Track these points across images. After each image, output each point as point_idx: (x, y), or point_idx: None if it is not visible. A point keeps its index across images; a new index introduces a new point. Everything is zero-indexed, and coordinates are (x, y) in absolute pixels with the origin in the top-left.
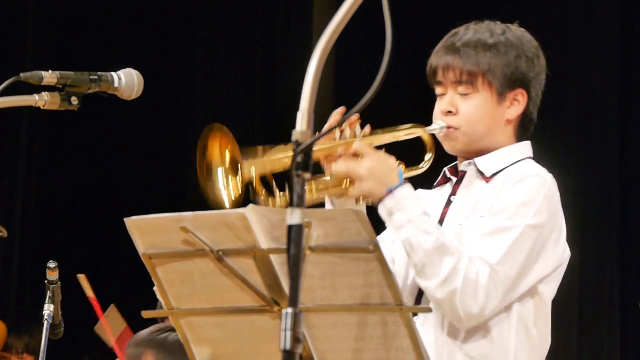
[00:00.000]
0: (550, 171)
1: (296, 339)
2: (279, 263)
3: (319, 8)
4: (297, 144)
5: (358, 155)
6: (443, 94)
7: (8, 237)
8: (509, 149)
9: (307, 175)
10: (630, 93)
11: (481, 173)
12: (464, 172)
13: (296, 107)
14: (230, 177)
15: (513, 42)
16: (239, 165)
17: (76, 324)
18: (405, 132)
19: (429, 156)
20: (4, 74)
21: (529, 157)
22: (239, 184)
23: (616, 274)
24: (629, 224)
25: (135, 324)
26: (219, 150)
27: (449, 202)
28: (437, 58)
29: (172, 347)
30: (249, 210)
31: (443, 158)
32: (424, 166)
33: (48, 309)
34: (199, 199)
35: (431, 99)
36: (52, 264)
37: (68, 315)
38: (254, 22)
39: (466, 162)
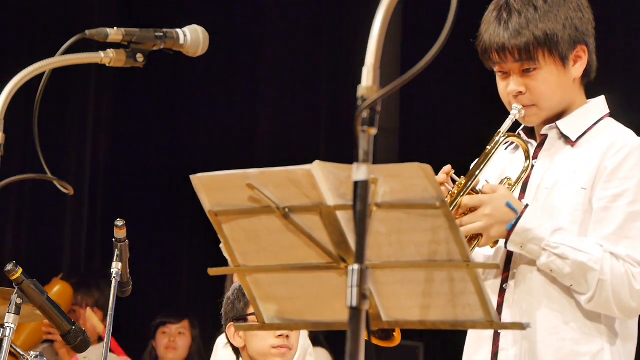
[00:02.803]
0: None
1: (363, 296)
2: (345, 220)
3: None
4: (363, 99)
5: (473, 209)
6: (504, 72)
7: (77, 195)
8: (586, 108)
9: (373, 131)
10: None
11: (565, 137)
12: (545, 136)
13: (362, 62)
14: None
15: (556, 2)
16: None
17: (144, 282)
18: (493, 149)
19: (527, 163)
20: (71, 33)
21: (607, 114)
22: None
23: None
24: None
25: (204, 281)
26: None
27: (531, 166)
28: (489, 38)
29: None
30: (315, 167)
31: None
32: (522, 176)
33: (116, 267)
34: (266, 155)
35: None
36: (120, 222)
37: (136, 274)
38: None
39: (547, 126)
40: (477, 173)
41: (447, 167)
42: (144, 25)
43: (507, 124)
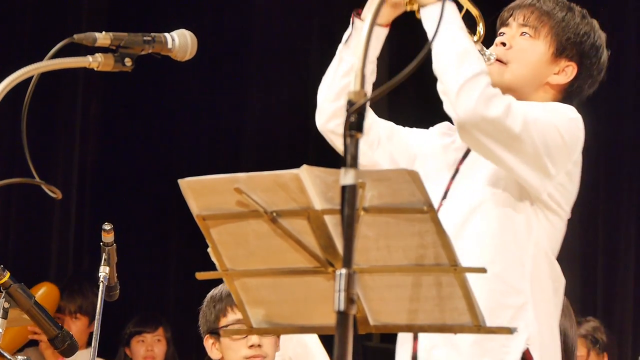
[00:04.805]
0: None
1: (350, 300)
2: (333, 224)
3: None
4: (351, 104)
5: None
6: (504, 33)
7: (65, 199)
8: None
9: (361, 135)
10: None
11: None
12: None
13: None
14: None
15: (589, 21)
16: None
17: (132, 286)
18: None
19: (480, 29)
20: (60, 37)
21: None
22: None
23: None
24: None
25: (191, 285)
26: None
27: (469, 151)
28: (511, 8)
29: None
30: (303, 171)
31: None
32: (476, 39)
33: (104, 271)
34: (254, 160)
35: None
36: (107, 226)
37: (124, 278)
38: None
39: None
40: None
41: None
42: (132, 29)
43: (472, 9)
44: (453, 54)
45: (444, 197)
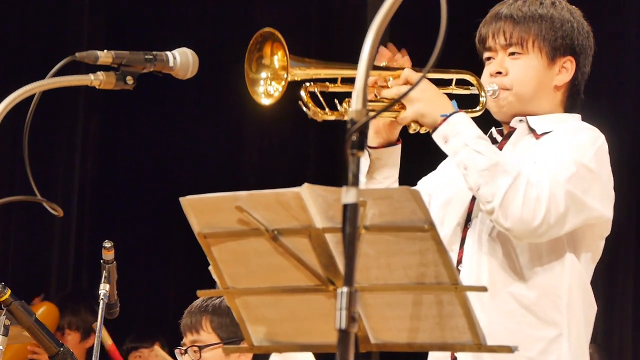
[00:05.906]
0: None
1: (351, 318)
2: (334, 242)
3: None
4: (352, 122)
5: (409, 83)
6: (492, 58)
7: (65, 216)
8: (559, 115)
9: (362, 154)
10: None
11: (532, 130)
12: (514, 129)
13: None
14: (274, 79)
15: (564, 11)
16: (286, 67)
17: (132, 303)
18: (455, 73)
19: (483, 98)
20: (61, 54)
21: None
22: (283, 83)
23: None
24: None
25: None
26: (270, 53)
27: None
28: (487, 25)
29: (227, 310)
30: (304, 190)
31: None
32: (479, 109)
33: (104, 288)
34: (255, 178)
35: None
36: (108, 244)
37: (124, 295)
38: (310, 3)
39: (518, 118)
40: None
41: (391, 47)
42: (133, 47)
43: (471, 78)
44: (482, 172)
45: (468, 219)
